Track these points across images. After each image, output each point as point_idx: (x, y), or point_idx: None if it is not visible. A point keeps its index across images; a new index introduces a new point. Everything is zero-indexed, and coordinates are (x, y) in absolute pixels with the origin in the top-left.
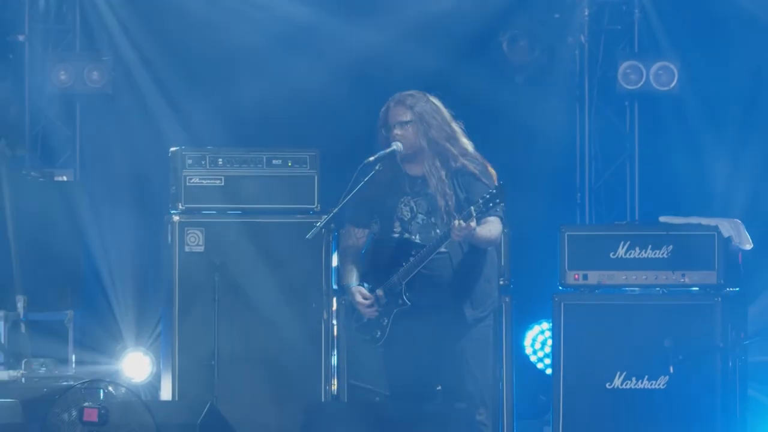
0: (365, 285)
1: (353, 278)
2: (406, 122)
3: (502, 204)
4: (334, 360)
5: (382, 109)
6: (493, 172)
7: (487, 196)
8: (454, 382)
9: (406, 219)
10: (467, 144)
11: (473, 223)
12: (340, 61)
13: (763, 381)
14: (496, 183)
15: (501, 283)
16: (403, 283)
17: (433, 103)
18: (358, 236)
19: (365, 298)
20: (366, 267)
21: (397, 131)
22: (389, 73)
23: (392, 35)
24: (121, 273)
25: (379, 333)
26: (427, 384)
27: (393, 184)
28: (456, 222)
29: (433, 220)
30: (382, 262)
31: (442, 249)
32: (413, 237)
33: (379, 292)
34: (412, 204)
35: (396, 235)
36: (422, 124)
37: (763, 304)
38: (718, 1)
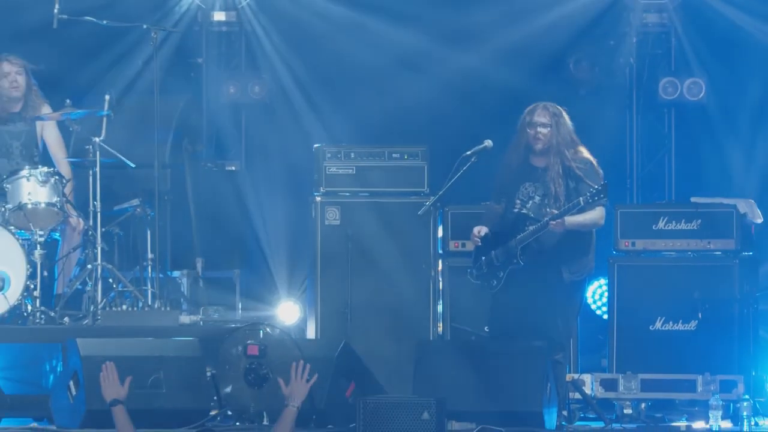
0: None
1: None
2: (547, 124)
3: (604, 198)
4: (440, 308)
5: (529, 108)
6: (599, 170)
7: (593, 191)
8: (543, 328)
9: (525, 199)
10: (581, 150)
11: (565, 220)
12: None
13: None
14: (601, 180)
15: None
16: (519, 247)
17: (564, 116)
18: (496, 210)
19: (478, 233)
20: (492, 233)
21: (540, 129)
22: (483, 86)
23: (486, 57)
24: (276, 241)
25: (495, 282)
26: (523, 327)
27: (520, 171)
28: (551, 222)
29: (546, 201)
30: (504, 230)
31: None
32: (529, 213)
33: (498, 252)
34: (532, 188)
35: (516, 210)
36: (556, 128)
37: None
38: (736, 30)
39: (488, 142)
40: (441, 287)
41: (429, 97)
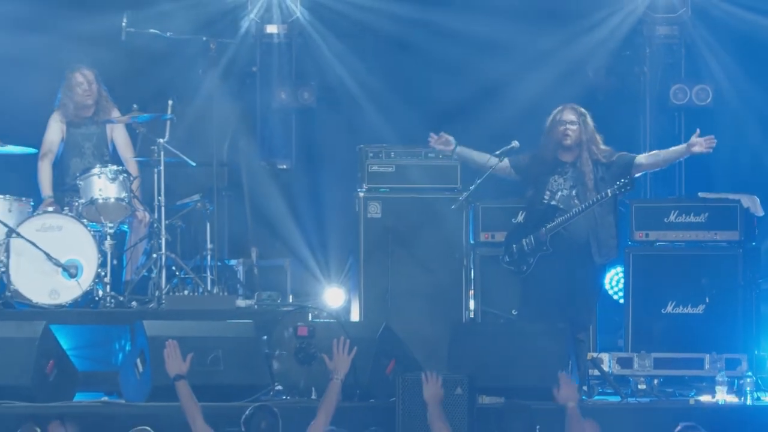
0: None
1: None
2: (575, 122)
3: (630, 189)
4: (471, 293)
5: (558, 109)
6: (621, 153)
7: (621, 182)
8: (568, 311)
9: (553, 191)
10: (602, 145)
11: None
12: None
13: None
14: (629, 154)
15: None
16: (549, 236)
17: (588, 116)
18: (502, 165)
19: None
20: (522, 223)
21: (569, 126)
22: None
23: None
24: (321, 232)
25: (525, 267)
26: (550, 310)
27: (549, 165)
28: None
29: (573, 193)
30: (533, 219)
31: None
32: (558, 204)
33: (529, 239)
34: (560, 181)
35: (545, 201)
36: (582, 126)
37: None
38: (741, 41)
39: (515, 143)
40: (472, 274)
41: (467, 100)
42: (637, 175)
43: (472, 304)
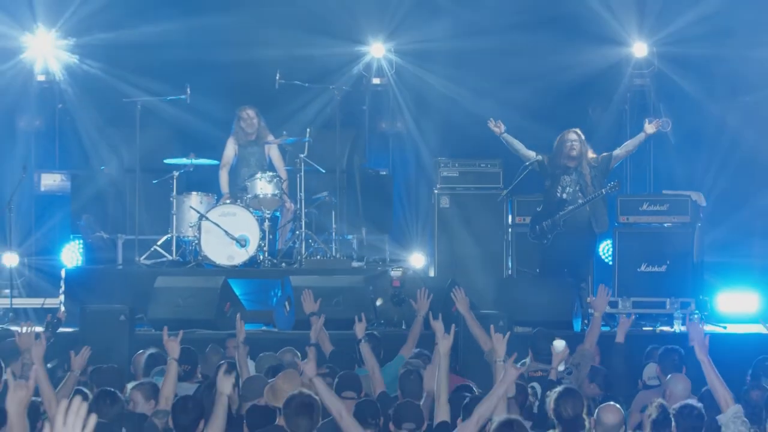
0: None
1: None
2: (576, 140)
3: (617, 188)
4: (510, 258)
5: (564, 132)
6: (603, 155)
7: (611, 185)
8: (573, 269)
9: (564, 186)
10: (592, 154)
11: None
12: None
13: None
14: (605, 153)
15: None
16: (561, 220)
17: (583, 135)
18: (528, 153)
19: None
20: (541, 211)
21: (573, 143)
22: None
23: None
24: (409, 216)
25: (545, 241)
26: (560, 269)
27: (561, 168)
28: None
29: (577, 188)
30: (549, 208)
31: (580, 202)
32: (567, 198)
33: (547, 222)
34: (568, 180)
35: (558, 195)
36: (582, 143)
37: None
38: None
39: (539, 156)
40: (511, 245)
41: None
42: (616, 164)
43: (510, 268)
